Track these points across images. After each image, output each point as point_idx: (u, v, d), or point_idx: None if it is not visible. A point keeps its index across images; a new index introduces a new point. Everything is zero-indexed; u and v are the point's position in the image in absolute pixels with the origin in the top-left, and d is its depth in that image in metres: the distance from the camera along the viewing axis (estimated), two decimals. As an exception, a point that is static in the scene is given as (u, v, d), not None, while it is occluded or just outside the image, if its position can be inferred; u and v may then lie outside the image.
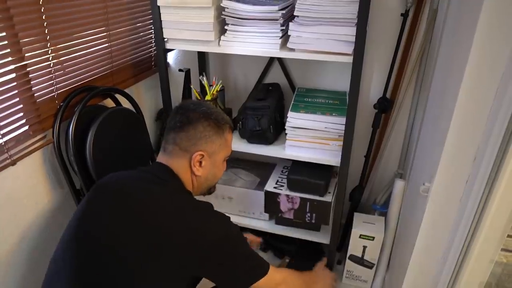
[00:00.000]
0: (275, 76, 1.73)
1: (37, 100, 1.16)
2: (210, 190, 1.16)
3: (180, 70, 1.57)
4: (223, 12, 1.31)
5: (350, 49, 1.21)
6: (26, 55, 1.09)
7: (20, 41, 1.06)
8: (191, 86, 1.57)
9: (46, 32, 1.16)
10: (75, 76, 1.31)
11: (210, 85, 1.56)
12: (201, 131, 0.99)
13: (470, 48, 0.82)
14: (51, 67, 1.20)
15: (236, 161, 1.89)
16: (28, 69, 1.11)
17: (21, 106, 1.12)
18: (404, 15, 1.42)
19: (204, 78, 1.56)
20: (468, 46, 0.83)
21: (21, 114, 1.13)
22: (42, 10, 1.13)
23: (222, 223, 0.97)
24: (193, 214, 0.94)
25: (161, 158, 1.04)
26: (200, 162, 1.01)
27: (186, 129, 0.99)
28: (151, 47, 1.71)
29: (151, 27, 1.67)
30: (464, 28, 0.93)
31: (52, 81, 1.22)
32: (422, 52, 1.45)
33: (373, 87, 1.62)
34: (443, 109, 1.03)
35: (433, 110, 1.24)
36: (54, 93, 1.24)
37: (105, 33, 1.42)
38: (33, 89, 1.14)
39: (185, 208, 0.95)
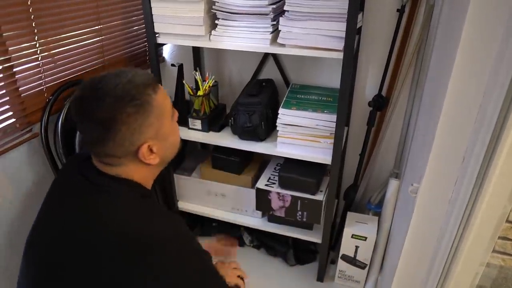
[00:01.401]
0: (270, 72, 1.71)
1: (22, 94, 1.16)
2: (179, 151, 0.94)
3: (172, 65, 1.56)
4: (213, 6, 1.29)
5: (340, 45, 1.18)
6: (10, 49, 1.08)
7: (3, 34, 1.06)
8: (184, 82, 1.55)
9: (33, 25, 1.15)
10: (65, 70, 1.31)
11: (204, 81, 1.54)
12: (128, 128, 0.76)
13: (458, 46, 0.79)
14: (39, 61, 1.20)
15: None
16: (12, 63, 1.10)
17: (7, 98, 1.12)
18: (400, 11, 1.38)
19: (198, 73, 1.54)
20: (456, 44, 0.80)
21: (8, 106, 1.13)
22: (29, 3, 1.12)
23: (169, 223, 0.82)
24: (136, 221, 0.77)
25: (98, 164, 0.83)
26: (151, 150, 0.82)
27: (112, 137, 0.76)
28: (145, 41, 1.70)
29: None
30: (454, 25, 0.90)
31: (41, 75, 1.22)
32: (418, 49, 1.41)
33: (368, 84, 1.58)
34: (433, 108, 1.01)
35: (425, 108, 1.21)
36: (42, 87, 1.23)
37: (97, 27, 1.41)
38: (18, 83, 1.14)
39: (126, 217, 0.78)
